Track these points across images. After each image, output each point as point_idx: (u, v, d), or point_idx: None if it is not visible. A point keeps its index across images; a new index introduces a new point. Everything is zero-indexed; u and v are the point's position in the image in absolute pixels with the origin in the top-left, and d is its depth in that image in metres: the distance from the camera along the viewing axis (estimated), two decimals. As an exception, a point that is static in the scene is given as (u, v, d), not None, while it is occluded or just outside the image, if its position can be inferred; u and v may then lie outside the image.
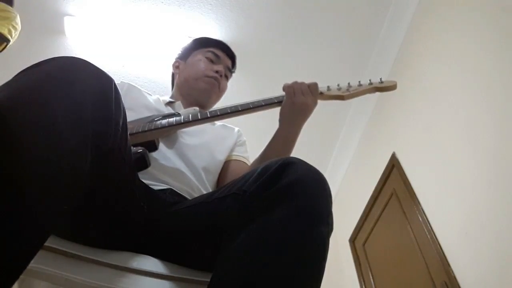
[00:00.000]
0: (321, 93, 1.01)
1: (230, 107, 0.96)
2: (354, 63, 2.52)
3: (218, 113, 0.95)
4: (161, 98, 1.15)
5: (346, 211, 2.75)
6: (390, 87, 1.03)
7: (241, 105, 0.96)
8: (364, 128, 2.78)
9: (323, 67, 2.53)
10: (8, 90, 0.46)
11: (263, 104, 0.98)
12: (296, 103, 0.95)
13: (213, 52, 1.19)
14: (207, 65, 1.16)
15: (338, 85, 1.04)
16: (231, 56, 1.24)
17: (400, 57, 2.37)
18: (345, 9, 2.30)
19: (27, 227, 0.42)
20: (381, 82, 1.04)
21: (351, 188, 2.93)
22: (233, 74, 1.29)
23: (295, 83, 0.99)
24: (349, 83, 1.04)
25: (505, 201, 1.37)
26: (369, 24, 2.36)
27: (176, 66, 1.24)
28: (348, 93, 1.00)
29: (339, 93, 1.01)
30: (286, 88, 0.99)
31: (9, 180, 0.40)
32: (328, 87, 1.03)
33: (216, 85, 1.15)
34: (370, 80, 1.05)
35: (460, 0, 1.86)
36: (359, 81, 1.05)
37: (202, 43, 1.24)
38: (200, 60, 1.17)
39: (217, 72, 1.15)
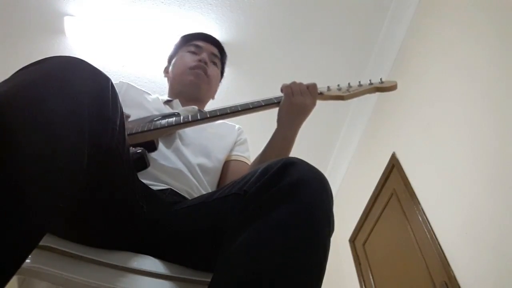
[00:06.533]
0: (321, 93, 1.00)
1: (230, 107, 0.96)
2: (354, 63, 2.52)
3: (218, 113, 0.95)
4: (160, 97, 1.15)
5: (346, 211, 2.75)
6: (391, 87, 1.02)
7: (241, 105, 0.96)
8: (364, 128, 2.78)
9: (323, 67, 2.53)
10: (6, 87, 0.46)
11: (263, 104, 0.97)
12: (294, 104, 0.95)
13: (194, 45, 1.21)
14: (190, 58, 1.17)
15: (338, 85, 1.03)
16: (214, 43, 1.24)
17: (400, 57, 2.37)
18: (345, 9, 2.30)
19: (23, 224, 0.42)
20: (382, 82, 1.03)
21: (351, 188, 2.92)
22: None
23: (294, 83, 0.98)
24: (349, 84, 1.03)
25: (505, 201, 1.37)
26: (369, 24, 2.36)
27: (165, 72, 1.26)
28: (348, 93, 1.00)
29: (339, 93, 1.01)
30: (284, 88, 0.98)
31: (5, 176, 0.40)
32: (328, 87, 1.02)
33: (202, 74, 1.15)
34: (370, 80, 1.04)
35: (460, 0, 1.86)
36: (359, 81, 1.04)
37: (184, 40, 1.25)
38: (183, 56, 1.20)
39: (200, 60, 1.15)
